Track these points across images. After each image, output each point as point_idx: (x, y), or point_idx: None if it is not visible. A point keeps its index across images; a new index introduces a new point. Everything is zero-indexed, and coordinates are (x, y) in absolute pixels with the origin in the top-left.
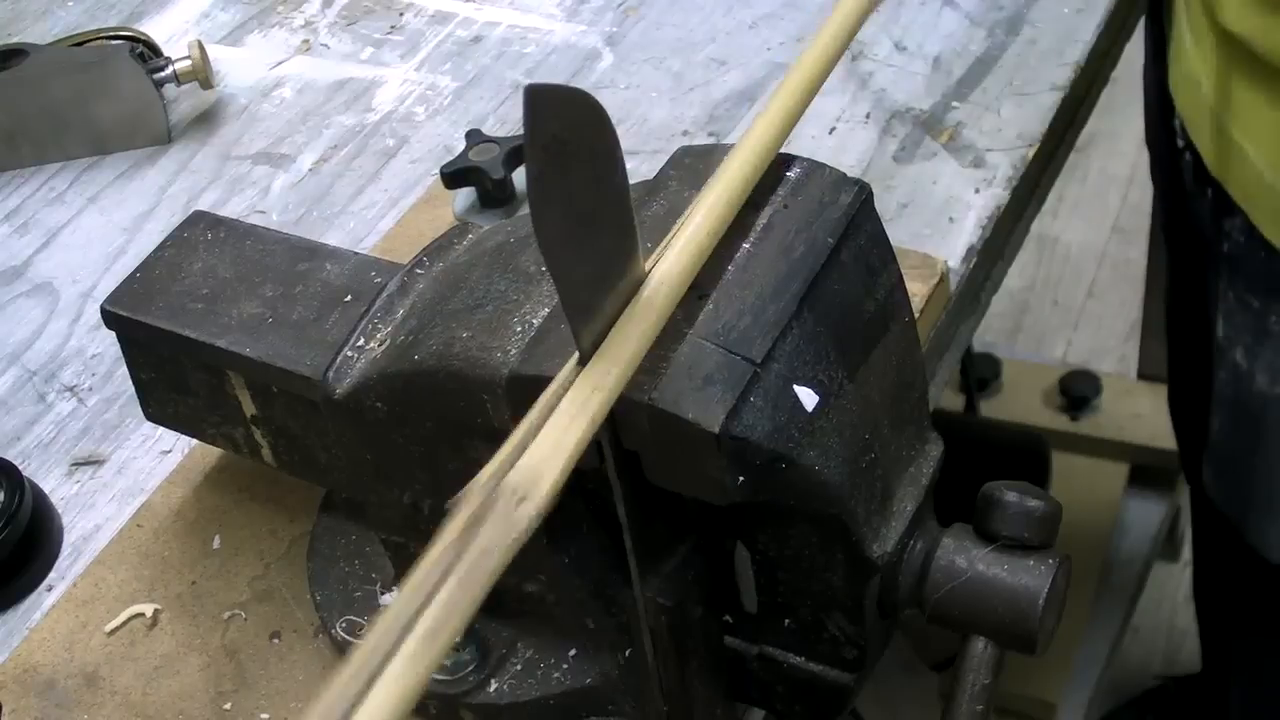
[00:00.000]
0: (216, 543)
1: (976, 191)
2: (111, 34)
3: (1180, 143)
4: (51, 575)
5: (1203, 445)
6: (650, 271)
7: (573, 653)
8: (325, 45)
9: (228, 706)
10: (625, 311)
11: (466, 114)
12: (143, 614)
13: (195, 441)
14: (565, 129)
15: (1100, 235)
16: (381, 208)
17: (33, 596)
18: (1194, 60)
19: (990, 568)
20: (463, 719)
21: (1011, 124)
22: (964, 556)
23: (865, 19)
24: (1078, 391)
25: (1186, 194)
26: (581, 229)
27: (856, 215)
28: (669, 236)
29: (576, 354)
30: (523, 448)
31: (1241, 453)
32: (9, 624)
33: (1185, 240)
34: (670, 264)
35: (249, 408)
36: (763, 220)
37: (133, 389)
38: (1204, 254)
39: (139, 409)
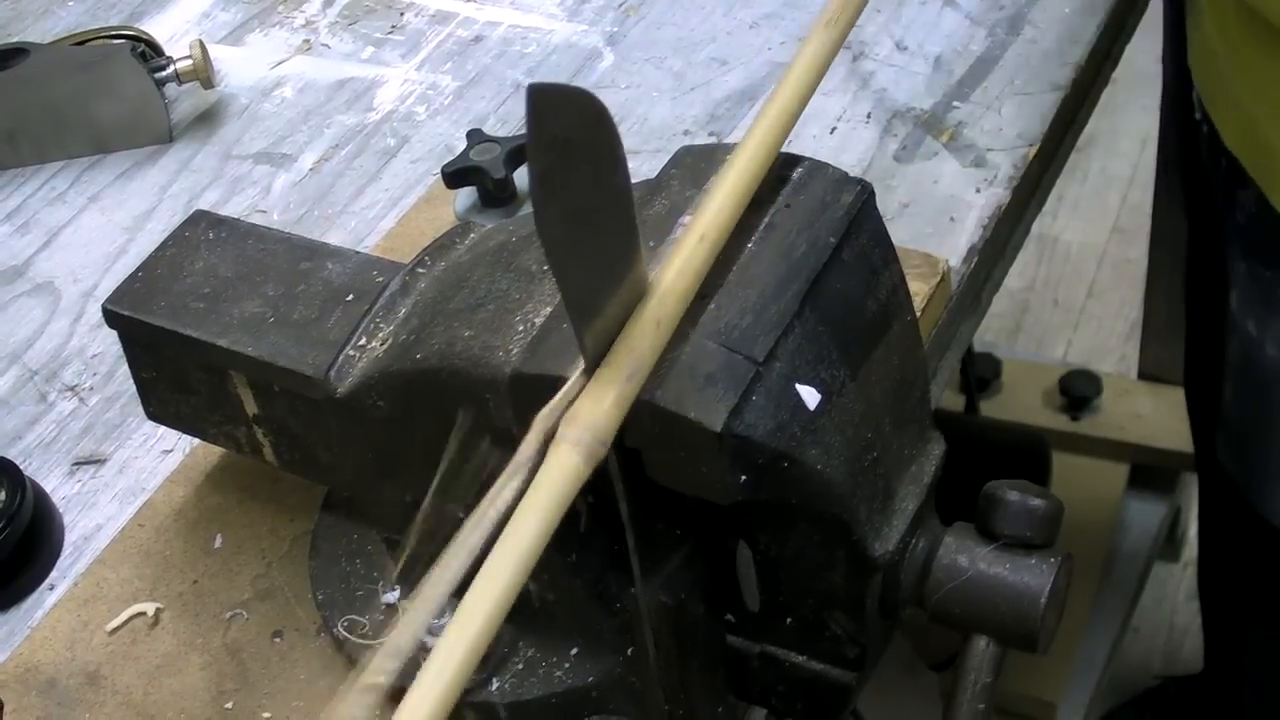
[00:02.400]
0: (218, 542)
1: (977, 191)
2: (113, 33)
3: (1198, 115)
4: (53, 574)
5: (1215, 419)
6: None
7: (574, 652)
8: (326, 45)
9: (229, 705)
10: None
11: (467, 113)
12: (144, 613)
13: (197, 441)
14: (567, 128)
15: (1100, 235)
16: (382, 207)
17: (34, 596)
18: (1211, 32)
19: (992, 566)
20: (464, 718)
21: (1012, 124)
22: (966, 555)
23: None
24: (1078, 391)
25: (1202, 166)
26: (584, 228)
27: (858, 215)
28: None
29: (579, 354)
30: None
31: (1252, 422)
32: (10, 623)
33: (1200, 212)
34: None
35: (250, 407)
36: (765, 220)
37: (134, 388)
38: (1217, 225)
39: (140, 408)
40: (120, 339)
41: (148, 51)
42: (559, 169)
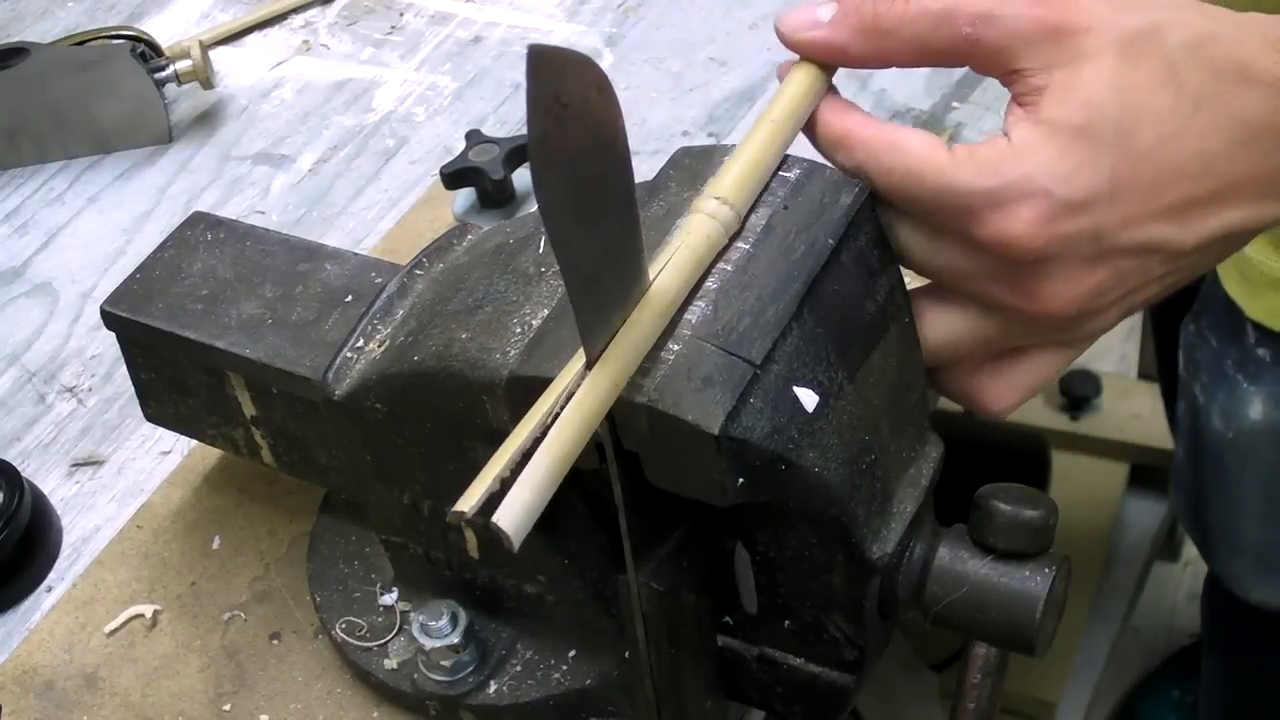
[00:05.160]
0: (216, 543)
1: None
2: (112, 33)
3: None
4: (51, 576)
5: None
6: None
7: (572, 654)
8: (325, 46)
9: (227, 707)
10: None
11: (466, 114)
12: (142, 615)
13: (195, 442)
14: (567, 92)
15: None
16: (381, 208)
17: (32, 597)
18: None
19: (988, 577)
20: (462, 719)
21: None
22: (962, 564)
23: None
24: (1078, 391)
25: None
26: (583, 196)
27: (857, 216)
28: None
29: (579, 353)
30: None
31: (1202, 486)
32: (8, 625)
33: None
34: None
35: (248, 408)
36: (762, 221)
37: (132, 390)
38: None
39: (138, 410)
40: (118, 340)
41: (147, 52)
42: (558, 133)
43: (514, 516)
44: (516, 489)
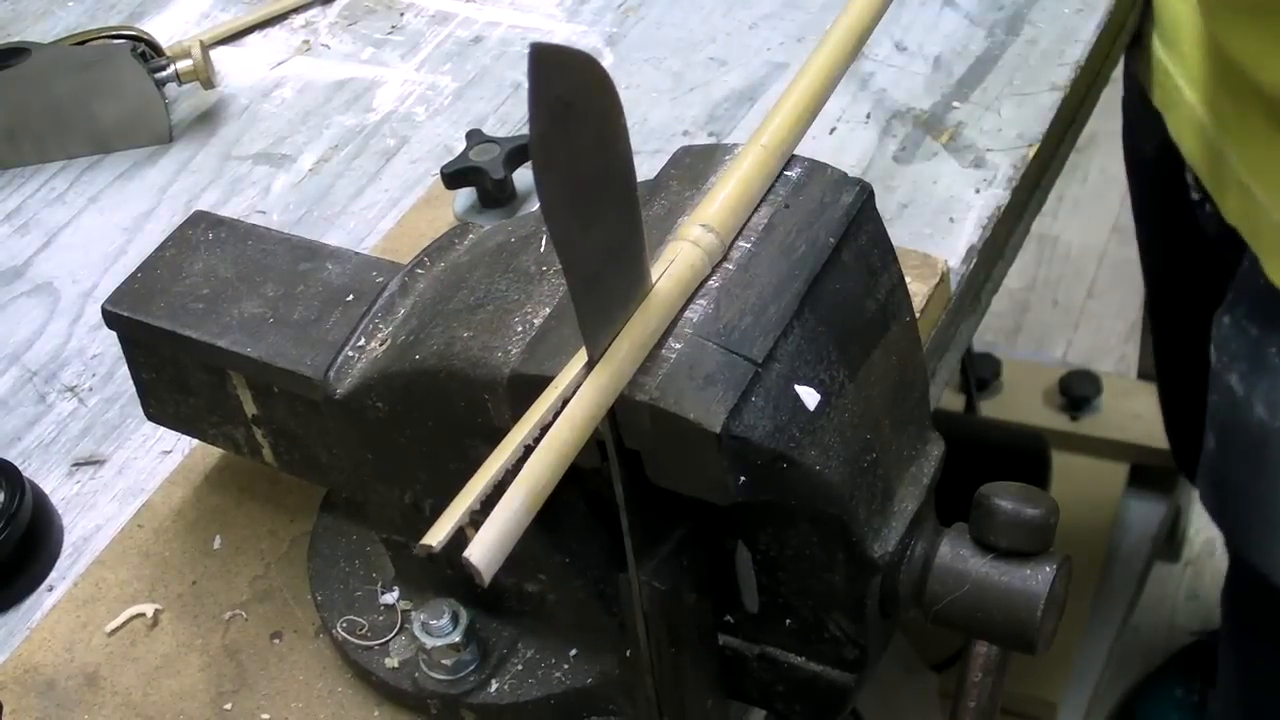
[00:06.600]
0: (217, 543)
1: (977, 191)
2: (113, 33)
3: (1195, 195)
4: (52, 575)
5: (1195, 452)
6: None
7: (574, 653)
8: (325, 45)
9: (228, 707)
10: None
11: (467, 114)
12: (143, 614)
13: (196, 441)
14: (569, 90)
15: (1100, 235)
16: (382, 208)
17: (33, 597)
18: (1196, 108)
19: (989, 575)
20: (464, 719)
21: (1011, 124)
22: (963, 562)
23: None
24: (1078, 391)
25: (1189, 201)
26: (585, 195)
27: (858, 215)
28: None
29: (580, 351)
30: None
31: (1239, 477)
32: (9, 624)
33: (1180, 243)
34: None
35: (250, 407)
36: (764, 220)
37: (133, 389)
38: (1202, 262)
39: (139, 409)
40: (119, 340)
41: (148, 52)
42: (560, 131)
43: (486, 551)
44: (490, 523)
